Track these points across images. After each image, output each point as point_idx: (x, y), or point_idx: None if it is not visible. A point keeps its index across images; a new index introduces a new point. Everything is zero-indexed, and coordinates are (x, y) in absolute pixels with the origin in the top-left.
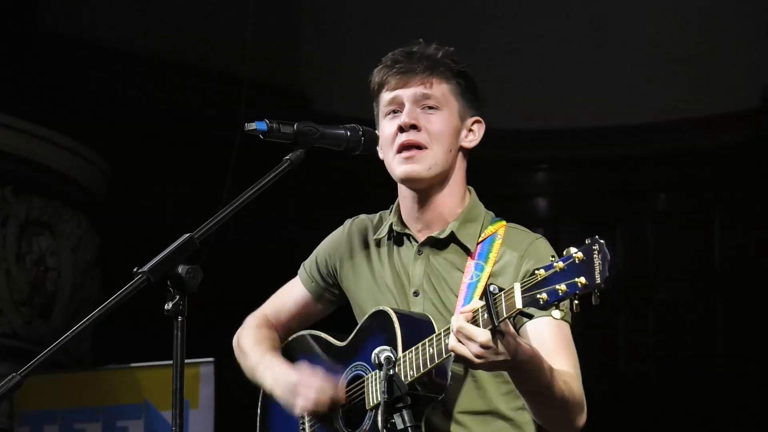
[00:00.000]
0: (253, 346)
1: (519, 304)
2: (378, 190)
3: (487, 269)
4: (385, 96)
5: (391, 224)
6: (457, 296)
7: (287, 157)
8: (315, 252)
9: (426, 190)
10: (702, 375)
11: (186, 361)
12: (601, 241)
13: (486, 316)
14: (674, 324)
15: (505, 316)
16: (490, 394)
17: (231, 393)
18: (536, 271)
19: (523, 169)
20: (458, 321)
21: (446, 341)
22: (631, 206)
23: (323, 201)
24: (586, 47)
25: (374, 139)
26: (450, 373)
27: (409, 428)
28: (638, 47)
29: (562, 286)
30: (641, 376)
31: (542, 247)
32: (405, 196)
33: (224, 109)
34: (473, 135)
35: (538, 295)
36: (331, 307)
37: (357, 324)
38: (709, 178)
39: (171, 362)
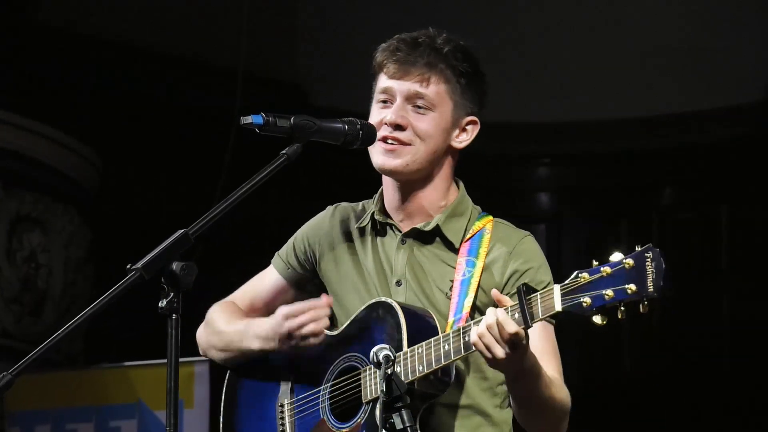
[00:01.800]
0: (223, 321)
1: (558, 307)
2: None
3: (479, 264)
4: (381, 81)
5: (373, 213)
6: (440, 288)
7: (284, 152)
8: (292, 239)
9: (407, 182)
10: (708, 374)
11: (180, 359)
12: (656, 249)
13: (518, 316)
14: (679, 322)
15: (540, 317)
16: (471, 390)
17: None
18: (580, 275)
19: (525, 164)
20: (500, 314)
21: (465, 338)
22: (635, 201)
23: (322, 197)
24: (589, 40)
25: (372, 133)
26: (454, 372)
27: (408, 428)
28: (642, 40)
29: (609, 292)
30: (646, 374)
31: (531, 246)
32: (387, 184)
33: (219, 102)
34: (466, 135)
35: (581, 299)
36: (305, 295)
37: (333, 314)
38: (715, 172)
39: (165, 361)
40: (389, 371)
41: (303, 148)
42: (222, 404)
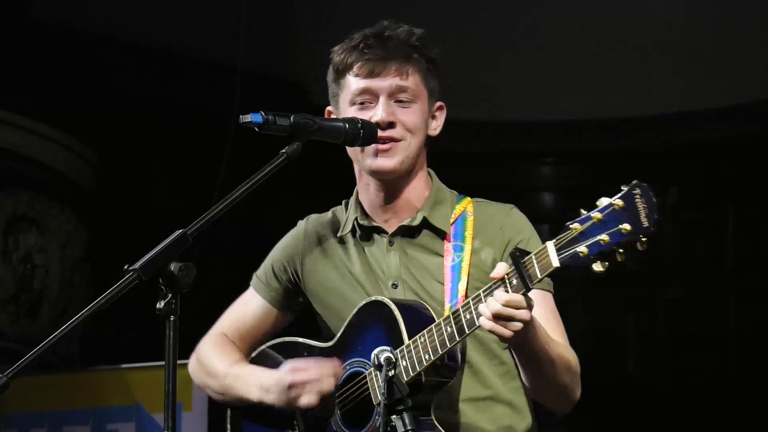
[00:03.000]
0: (219, 363)
1: (556, 262)
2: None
3: (467, 248)
4: (354, 82)
5: (356, 218)
6: (436, 279)
7: (283, 151)
8: (269, 260)
9: (394, 180)
10: (714, 376)
11: (179, 361)
12: (644, 184)
13: (515, 281)
14: (685, 323)
15: (540, 277)
16: (488, 378)
17: None
18: (571, 226)
19: (528, 163)
20: (502, 296)
21: (467, 316)
22: None
23: (320, 196)
24: (594, 36)
25: (373, 132)
26: (460, 356)
27: (409, 431)
28: (649, 36)
29: (604, 237)
30: (651, 376)
31: (518, 216)
32: (368, 185)
33: (218, 100)
34: (436, 122)
35: (577, 249)
36: (292, 315)
37: (319, 326)
38: (722, 171)
39: (163, 363)
40: (391, 373)
41: (303, 147)
42: (228, 411)
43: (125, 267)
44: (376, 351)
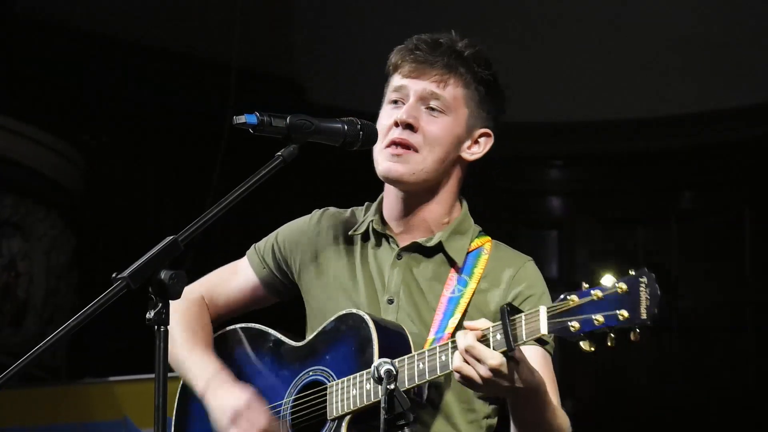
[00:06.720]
0: (184, 335)
1: (544, 330)
2: (376, 187)
3: (472, 285)
4: (395, 81)
5: (371, 222)
6: (433, 308)
7: (279, 153)
8: (272, 237)
9: (411, 193)
10: (731, 389)
11: (169, 374)
12: (651, 274)
13: (500, 337)
14: (701, 334)
15: (524, 340)
16: (457, 423)
17: None
18: (568, 297)
19: (536, 165)
20: (467, 339)
21: (442, 357)
22: (653, 205)
23: (318, 200)
24: (604, 36)
25: (373, 134)
26: (426, 392)
27: None
28: (660, 37)
29: (599, 317)
30: (665, 390)
31: (534, 272)
32: (389, 193)
33: (211, 99)
34: (478, 147)
35: (569, 323)
36: (275, 299)
37: (306, 322)
38: (738, 173)
39: (153, 375)
40: (391, 386)
41: (300, 150)
42: (176, 406)
43: (113, 275)
44: (376, 363)
